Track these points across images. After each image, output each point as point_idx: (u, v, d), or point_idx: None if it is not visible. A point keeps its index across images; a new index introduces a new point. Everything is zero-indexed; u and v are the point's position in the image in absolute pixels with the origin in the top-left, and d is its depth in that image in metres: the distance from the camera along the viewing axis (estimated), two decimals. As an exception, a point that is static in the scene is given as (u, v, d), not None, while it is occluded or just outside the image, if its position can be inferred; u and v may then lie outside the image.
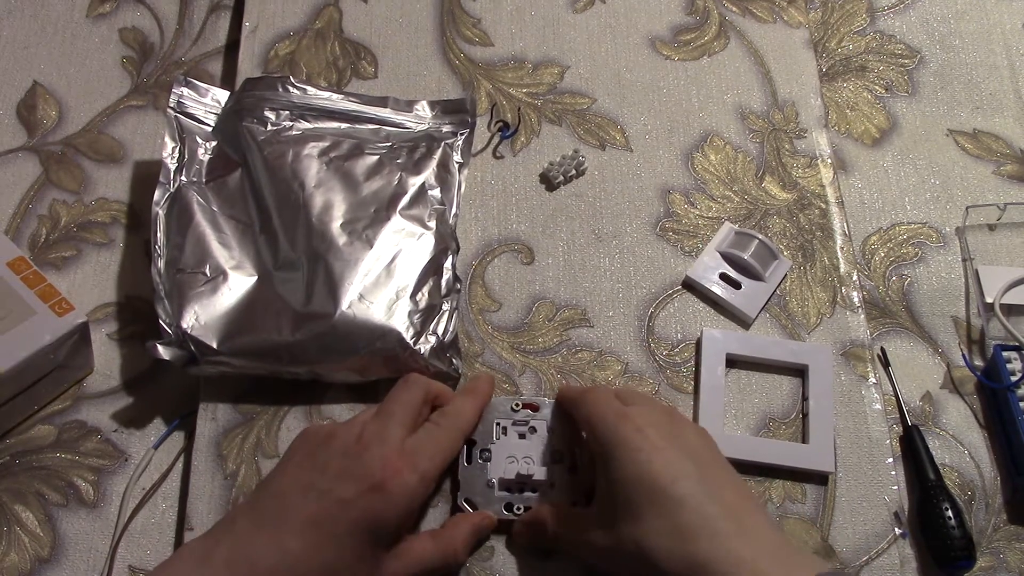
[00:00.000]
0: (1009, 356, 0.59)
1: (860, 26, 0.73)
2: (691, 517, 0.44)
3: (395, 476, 0.45)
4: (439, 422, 0.51)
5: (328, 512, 0.45)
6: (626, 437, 0.47)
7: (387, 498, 0.45)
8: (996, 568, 0.55)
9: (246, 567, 0.44)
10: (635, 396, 0.53)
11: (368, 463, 0.46)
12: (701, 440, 0.49)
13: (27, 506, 0.53)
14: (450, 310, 0.57)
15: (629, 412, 0.49)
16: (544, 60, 0.69)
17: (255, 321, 0.54)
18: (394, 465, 0.46)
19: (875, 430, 0.58)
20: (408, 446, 0.47)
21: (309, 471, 0.46)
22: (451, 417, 0.51)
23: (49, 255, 0.60)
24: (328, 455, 0.47)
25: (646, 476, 0.45)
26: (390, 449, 0.47)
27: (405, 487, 0.46)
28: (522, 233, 0.62)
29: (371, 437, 0.47)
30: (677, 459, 0.46)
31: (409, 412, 0.49)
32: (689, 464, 0.46)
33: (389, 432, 0.48)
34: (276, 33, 0.68)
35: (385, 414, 0.49)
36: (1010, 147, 0.69)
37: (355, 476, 0.45)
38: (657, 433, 0.47)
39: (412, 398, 0.50)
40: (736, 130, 0.67)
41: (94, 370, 0.57)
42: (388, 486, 0.45)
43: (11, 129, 0.64)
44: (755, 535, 0.44)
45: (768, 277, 0.61)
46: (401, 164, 0.60)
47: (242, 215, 0.58)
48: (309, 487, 0.46)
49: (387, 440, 0.47)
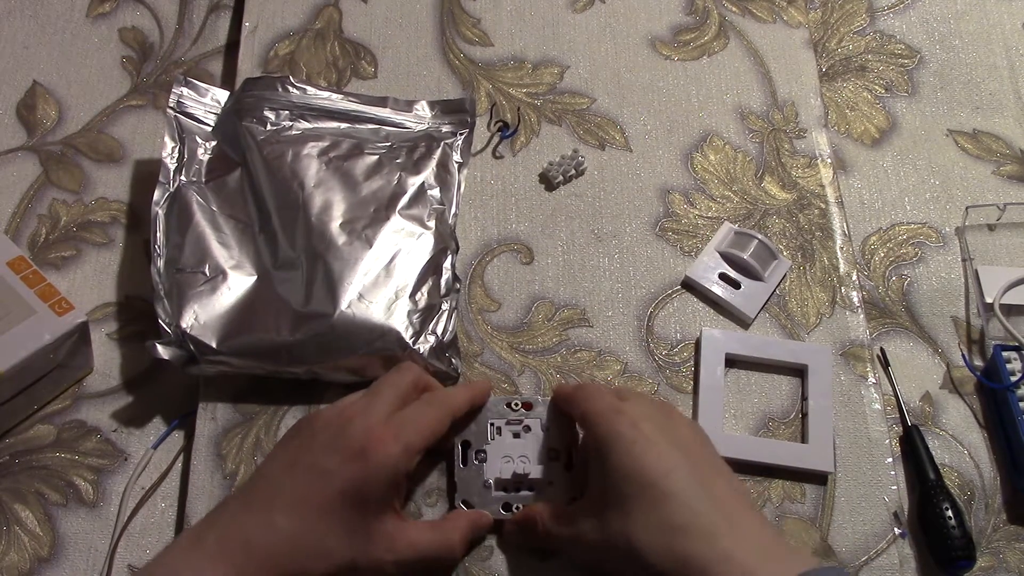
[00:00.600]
0: (1009, 356, 0.59)
1: (860, 26, 0.73)
2: (681, 512, 0.44)
3: (377, 444, 0.46)
4: (428, 399, 0.51)
5: (313, 485, 0.45)
6: (620, 431, 0.47)
7: (369, 466, 0.45)
8: (996, 568, 0.55)
9: (238, 546, 0.44)
10: (631, 393, 0.53)
11: (350, 434, 0.46)
12: (695, 436, 0.50)
13: (27, 505, 0.53)
14: (449, 310, 0.57)
15: (624, 407, 0.49)
16: (544, 60, 0.69)
17: (254, 321, 0.54)
18: (377, 434, 0.46)
19: (875, 430, 0.58)
20: (394, 419, 0.48)
21: (295, 450, 0.47)
22: (440, 395, 0.52)
23: (49, 255, 0.60)
24: (311, 433, 0.47)
25: (638, 469, 0.46)
26: (374, 420, 0.47)
27: (388, 455, 0.46)
28: (521, 233, 0.62)
29: (355, 412, 0.48)
30: (670, 453, 0.46)
31: (397, 393, 0.50)
32: (682, 459, 0.46)
33: (374, 408, 0.48)
34: (276, 33, 0.68)
35: (372, 393, 0.50)
36: (1010, 147, 0.69)
37: (337, 447, 0.46)
38: (651, 427, 0.47)
39: (402, 381, 0.51)
40: (736, 130, 0.67)
41: (94, 370, 0.57)
42: (369, 454, 0.45)
43: (11, 129, 0.64)
44: (746, 532, 0.44)
45: (767, 277, 0.61)
46: (401, 164, 0.60)
47: (241, 215, 0.58)
48: (295, 464, 0.46)
49: (371, 414, 0.47)
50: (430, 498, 0.54)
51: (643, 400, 0.51)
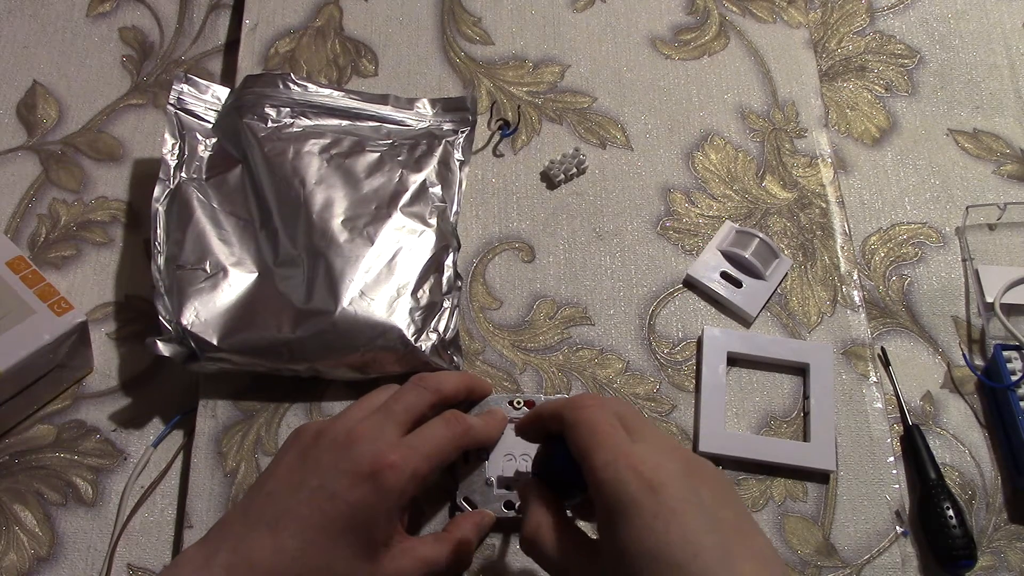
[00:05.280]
0: (1009, 356, 0.59)
1: (860, 26, 0.73)
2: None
3: (386, 468, 0.45)
4: (441, 422, 0.49)
5: (320, 508, 0.44)
6: (637, 499, 0.40)
7: (377, 490, 0.44)
8: (997, 567, 0.55)
9: (245, 569, 0.43)
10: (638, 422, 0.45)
11: (357, 456, 0.45)
12: (721, 494, 0.42)
13: (26, 505, 0.53)
14: (451, 307, 0.57)
15: (639, 459, 0.42)
16: (544, 59, 0.69)
17: (255, 318, 0.54)
18: (386, 458, 0.45)
19: (876, 429, 0.58)
20: (403, 442, 0.47)
21: (299, 470, 0.46)
22: (460, 423, 0.49)
23: (49, 254, 0.60)
24: (318, 452, 0.46)
25: (661, 551, 0.39)
26: (384, 444, 0.46)
27: (397, 480, 0.45)
28: (523, 231, 0.62)
29: (364, 432, 0.46)
30: (697, 529, 0.40)
31: (411, 415, 0.48)
32: (710, 534, 0.40)
33: (384, 430, 0.47)
34: (276, 31, 0.68)
35: (384, 411, 0.48)
36: (1010, 147, 0.69)
37: (344, 470, 0.45)
38: (674, 493, 0.40)
39: (418, 402, 0.49)
40: (736, 129, 0.67)
41: (94, 369, 0.57)
42: (378, 477, 0.44)
43: (11, 128, 0.64)
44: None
45: (769, 276, 0.61)
46: (402, 161, 0.60)
47: (242, 212, 0.58)
48: (300, 485, 0.45)
49: (381, 436, 0.46)
50: (431, 496, 0.54)
51: (658, 444, 0.44)
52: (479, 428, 0.51)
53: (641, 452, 0.42)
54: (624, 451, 0.42)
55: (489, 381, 0.56)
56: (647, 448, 0.43)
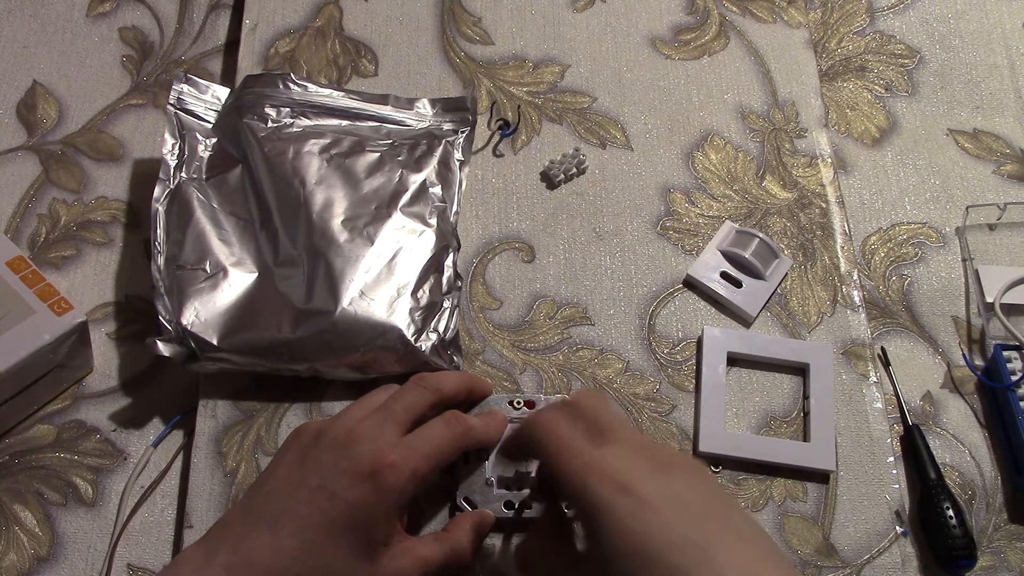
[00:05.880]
0: (1009, 356, 0.59)
1: (860, 26, 0.73)
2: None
3: (386, 468, 0.45)
4: (441, 422, 0.49)
5: (319, 508, 0.44)
6: (610, 502, 0.41)
7: (377, 490, 0.44)
8: (997, 567, 0.55)
9: (245, 569, 0.43)
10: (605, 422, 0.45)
11: (357, 456, 0.45)
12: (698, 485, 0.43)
13: (26, 505, 0.53)
14: (451, 307, 0.57)
15: (605, 463, 0.42)
16: (544, 59, 0.69)
17: (255, 318, 0.54)
18: (386, 458, 0.45)
19: (876, 429, 0.58)
20: (403, 442, 0.47)
21: (299, 469, 0.46)
22: (460, 423, 0.49)
23: (49, 254, 0.60)
24: (318, 451, 0.46)
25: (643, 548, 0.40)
26: (383, 443, 0.46)
27: (396, 480, 0.45)
28: (523, 231, 0.62)
29: (363, 432, 0.46)
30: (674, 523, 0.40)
31: (411, 415, 0.48)
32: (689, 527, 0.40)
33: (384, 430, 0.47)
34: (276, 31, 0.68)
35: (384, 411, 0.48)
36: (1010, 147, 0.69)
37: (343, 469, 0.45)
38: (646, 490, 0.41)
39: (418, 402, 0.49)
40: (736, 129, 0.67)
41: (94, 369, 0.57)
42: (378, 477, 0.44)
43: (11, 129, 0.64)
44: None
45: (769, 276, 0.61)
46: (402, 161, 0.60)
47: (242, 212, 0.58)
48: (300, 484, 0.45)
49: (380, 436, 0.46)
50: (431, 496, 0.54)
51: (627, 442, 0.44)
52: (479, 428, 0.51)
53: (606, 456, 0.43)
54: (587, 458, 0.43)
55: (489, 381, 0.56)
56: (613, 451, 0.43)
